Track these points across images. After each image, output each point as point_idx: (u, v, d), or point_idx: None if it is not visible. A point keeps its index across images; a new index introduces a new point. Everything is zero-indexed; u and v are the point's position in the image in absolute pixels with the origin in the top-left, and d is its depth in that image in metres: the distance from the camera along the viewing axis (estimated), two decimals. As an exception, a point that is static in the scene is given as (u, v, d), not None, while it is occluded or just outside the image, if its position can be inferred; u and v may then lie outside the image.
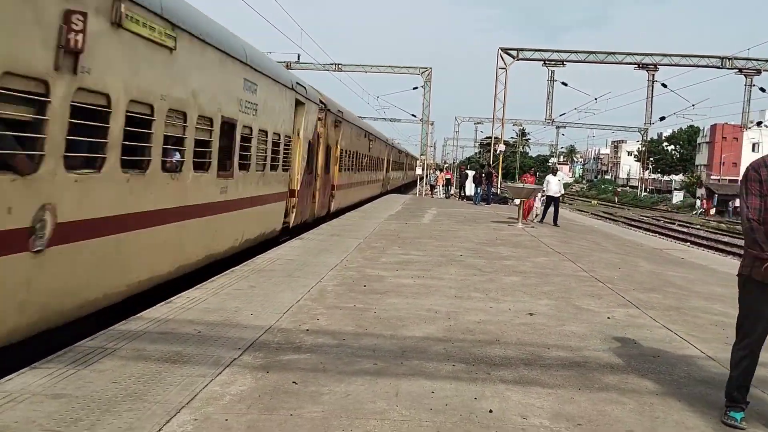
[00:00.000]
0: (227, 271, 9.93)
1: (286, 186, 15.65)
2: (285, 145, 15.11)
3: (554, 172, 24.25)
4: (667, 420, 4.92)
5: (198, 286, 8.73)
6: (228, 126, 11.04)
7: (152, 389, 4.81)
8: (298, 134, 16.60)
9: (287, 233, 15.78)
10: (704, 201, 71.37)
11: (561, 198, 24.83)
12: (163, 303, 7.60)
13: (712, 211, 66.68)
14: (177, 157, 9.15)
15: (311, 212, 19.03)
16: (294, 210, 16.43)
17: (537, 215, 23.61)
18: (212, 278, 9.32)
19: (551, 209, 23.13)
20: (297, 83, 16.35)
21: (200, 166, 9.97)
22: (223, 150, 10.89)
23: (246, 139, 12.15)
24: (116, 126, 7.19)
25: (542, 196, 23.67)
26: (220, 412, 4.50)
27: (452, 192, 42.91)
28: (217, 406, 4.60)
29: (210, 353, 5.76)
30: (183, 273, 9.57)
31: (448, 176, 44.49)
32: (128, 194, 7.68)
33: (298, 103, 16.33)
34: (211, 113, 10.18)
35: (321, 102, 19.46)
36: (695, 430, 4.77)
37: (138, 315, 6.96)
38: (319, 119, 19.19)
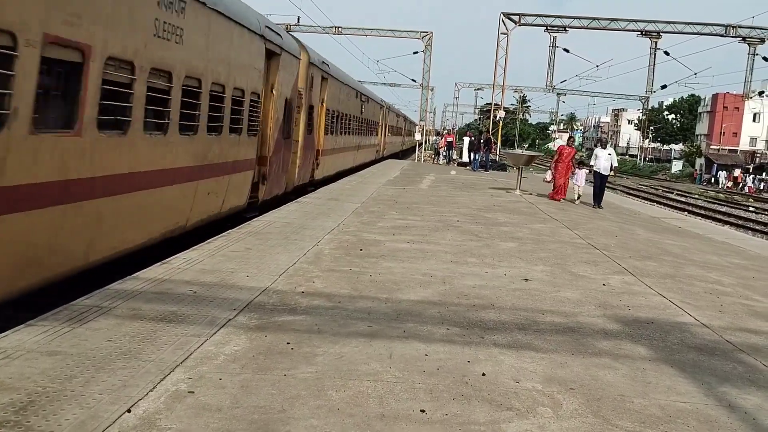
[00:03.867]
0: (223, 233, 9.91)
1: (254, 153, 13.25)
2: (252, 103, 12.60)
3: (603, 144, 20.24)
4: (659, 385, 4.96)
5: (195, 247, 8.72)
6: (160, 75, 8.59)
7: (147, 348, 4.83)
8: (271, 90, 14.11)
9: (256, 209, 13.73)
10: (731, 176, 64.23)
11: (613, 174, 20.86)
12: (159, 263, 7.60)
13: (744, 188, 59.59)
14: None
15: (289, 181, 16.77)
16: (266, 181, 14.13)
17: (579, 195, 19.65)
18: (208, 240, 9.31)
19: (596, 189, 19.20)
20: (268, 28, 13.48)
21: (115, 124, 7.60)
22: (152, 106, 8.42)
23: (189, 93, 9.49)
24: None
25: (589, 172, 20.25)
26: (214, 372, 4.52)
27: (454, 157, 41.36)
28: (212, 366, 4.62)
29: (205, 313, 5.78)
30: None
31: (450, 139, 42.99)
32: None
33: (272, 54, 13.81)
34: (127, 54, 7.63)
35: (301, 53, 16.91)
36: (686, 395, 4.80)
37: (134, 275, 6.96)
38: (300, 74, 16.61)
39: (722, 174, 62.08)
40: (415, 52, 50.32)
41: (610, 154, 19.18)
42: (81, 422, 3.64)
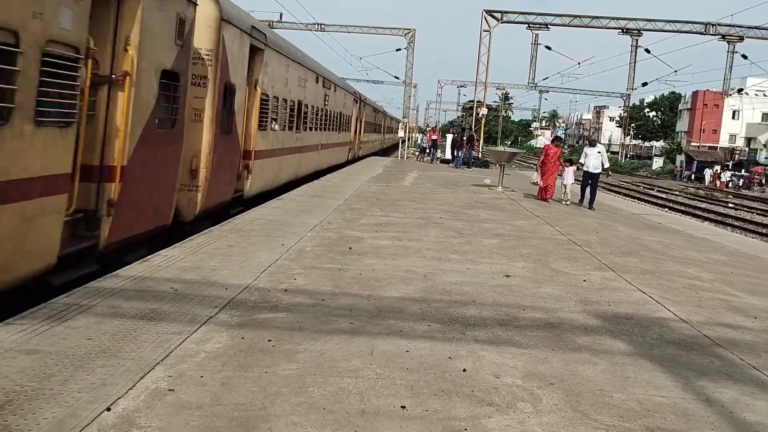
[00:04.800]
0: (205, 231, 9.88)
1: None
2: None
3: (592, 143, 19.87)
4: (638, 380, 5.01)
5: (176, 244, 8.69)
6: None
7: (127, 346, 4.80)
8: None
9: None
10: (716, 173, 63.44)
11: (606, 174, 20.32)
12: (140, 261, 7.56)
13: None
14: None
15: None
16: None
17: (567, 195, 19.18)
18: (190, 237, 9.27)
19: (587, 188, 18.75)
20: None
21: None
22: None
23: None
24: None
25: (577, 170, 19.79)
26: (194, 369, 4.51)
27: (438, 155, 40.56)
28: (192, 363, 4.61)
29: (186, 311, 5.75)
30: None
31: (435, 137, 42.38)
32: None
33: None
34: None
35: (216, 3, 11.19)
36: (665, 390, 4.85)
37: (114, 273, 6.92)
38: (208, 32, 11.08)
39: (708, 171, 62.52)
40: (398, 49, 50.42)
41: (600, 152, 18.70)
42: (60, 421, 3.62)
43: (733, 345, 6.12)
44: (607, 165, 19.06)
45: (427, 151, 42.10)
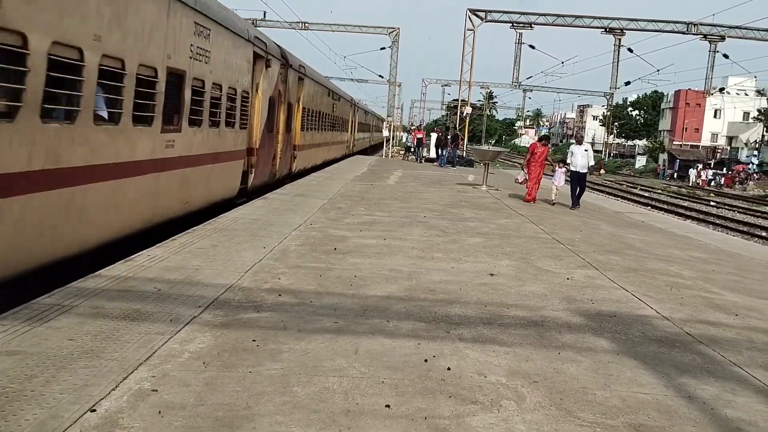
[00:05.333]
0: (189, 230, 9.83)
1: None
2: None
3: (579, 141, 18.99)
4: (621, 377, 5.05)
5: (159, 244, 8.63)
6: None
7: (109, 346, 4.77)
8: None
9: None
10: (700, 172, 63.73)
11: (598, 172, 19.84)
12: (123, 261, 7.51)
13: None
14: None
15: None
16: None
17: (555, 194, 18.46)
18: (174, 237, 9.22)
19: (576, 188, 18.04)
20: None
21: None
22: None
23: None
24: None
25: (566, 171, 18.71)
26: (178, 369, 4.48)
27: (423, 154, 39.92)
28: (176, 364, 4.59)
29: (169, 311, 5.72)
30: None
31: (420, 135, 41.87)
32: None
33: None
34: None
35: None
36: (647, 387, 4.89)
37: (97, 273, 6.86)
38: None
39: (692, 172, 62.98)
40: (382, 48, 50.28)
41: (586, 150, 18.02)
42: (41, 422, 3.59)
43: (714, 342, 6.18)
44: (592, 163, 18.70)
45: (413, 150, 41.82)
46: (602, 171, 66.04)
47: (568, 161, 18.12)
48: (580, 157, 17.72)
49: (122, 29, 8.17)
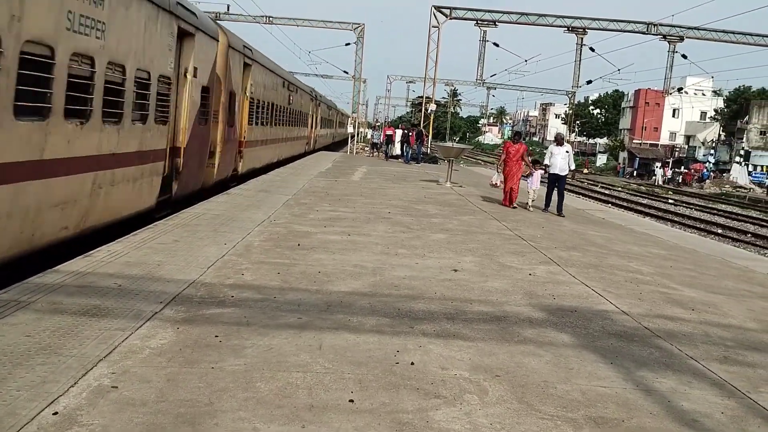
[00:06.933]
0: (150, 225, 9.69)
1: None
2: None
3: (559, 142, 16.98)
4: (581, 371, 5.12)
5: (119, 239, 8.50)
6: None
7: (68, 343, 4.69)
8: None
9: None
10: (666, 170, 63.58)
11: (581, 172, 18.19)
12: (82, 256, 7.37)
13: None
14: None
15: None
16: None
17: (533, 199, 17.13)
18: (134, 232, 9.09)
19: (553, 192, 16.76)
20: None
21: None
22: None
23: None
24: None
25: (544, 172, 17.19)
26: (139, 366, 4.43)
27: (395, 152, 38.90)
28: (136, 360, 4.53)
29: (130, 307, 5.64)
30: None
31: (390, 132, 41.17)
32: None
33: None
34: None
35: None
36: (607, 380, 4.98)
37: (55, 268, 6.73)
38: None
39: (659, 170, 63.95)
40: (347, 44, 50.21)
41: (567, 152, 16.54)
42: (-3, 420, 3.51)
43: (671, 336, 6.31)
44: (573, 166, 17.34)
45: (380, 146, 41.31)
46: (585, 170, 66.72)
47: (547, 162, 16.67)
48: (560, 159, 16.31)
49: None
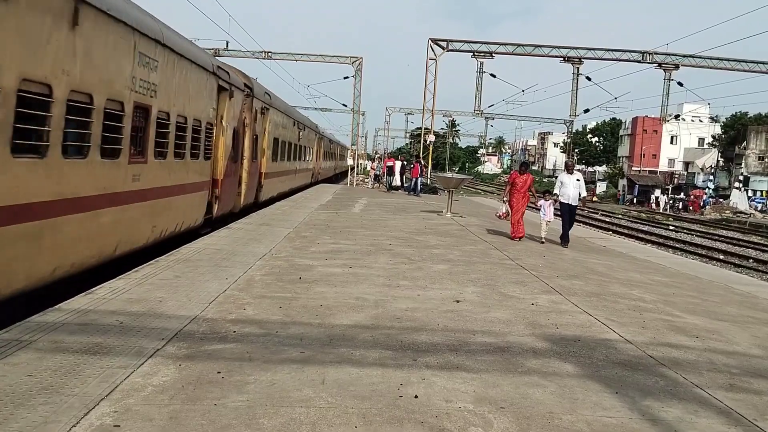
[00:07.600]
0: (152, 261, 9.70)
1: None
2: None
3: (569, 169, 15.92)
4: (586, 401, 5.09)
5: (121, 276, 8.50)
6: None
7: (70, 382, 4.67)
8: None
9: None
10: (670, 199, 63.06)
11: (584, 203, 17.32)
12: (83, 294, 7.37)
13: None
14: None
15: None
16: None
17: (546, 232, 16.16)
18: (136, 268, 9.09)
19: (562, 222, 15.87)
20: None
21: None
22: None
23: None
24: None
25: (554, 203, 16.27)
26: (141, 404, 4.40)
27: (396, 183, 38.09)
28: (139, 398, 4.50)
29: (132, 344, 5.63)
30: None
31: (390, 163, 39.34)
32: None
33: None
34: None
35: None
36: (612, 410, 4.94)
37: (56, 306, 6.72)
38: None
39: (663, 198, 63.89)
40: (345, 77, 50.63)
41: (578, 180, 15.55)
42: (-1, 462, 3.48)
43: (676, 364, 6.28)
44: (584, 194, 16.06)
45: (380, 178, 41.37)
46: (594, 198, 66.94)
47: (557, 192, 15.75)
48: (572, 188, 15.35)
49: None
